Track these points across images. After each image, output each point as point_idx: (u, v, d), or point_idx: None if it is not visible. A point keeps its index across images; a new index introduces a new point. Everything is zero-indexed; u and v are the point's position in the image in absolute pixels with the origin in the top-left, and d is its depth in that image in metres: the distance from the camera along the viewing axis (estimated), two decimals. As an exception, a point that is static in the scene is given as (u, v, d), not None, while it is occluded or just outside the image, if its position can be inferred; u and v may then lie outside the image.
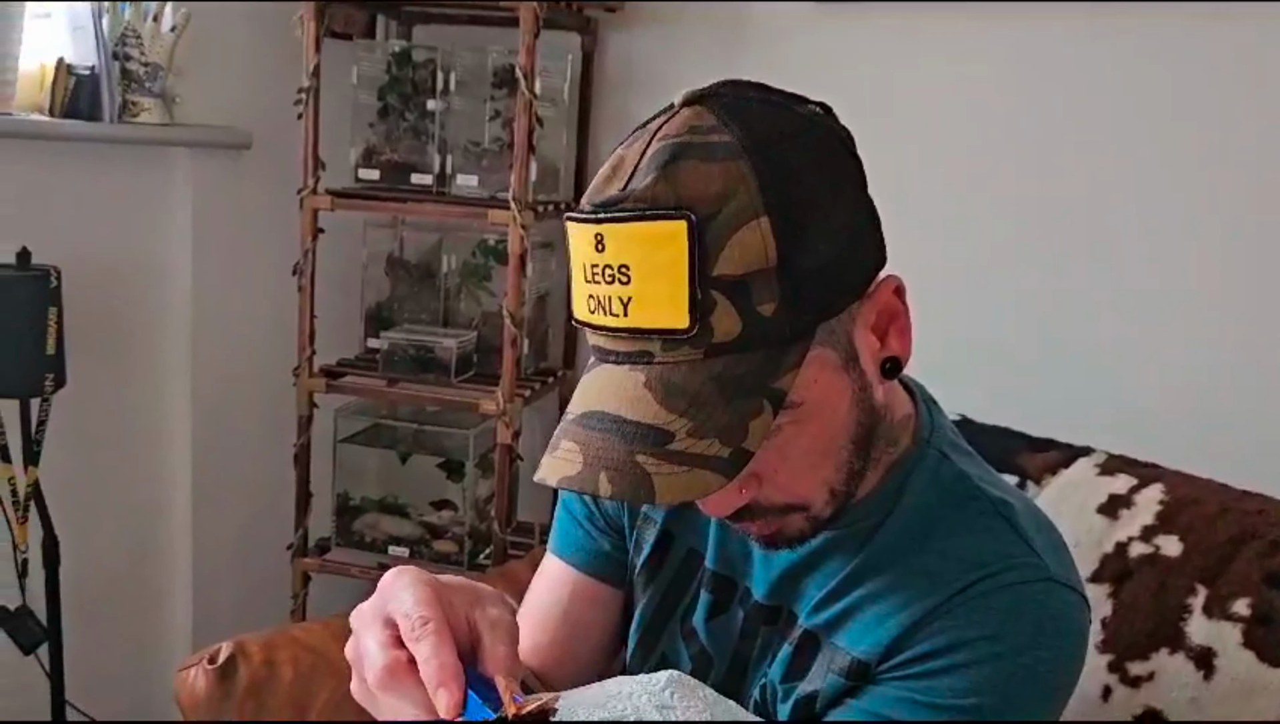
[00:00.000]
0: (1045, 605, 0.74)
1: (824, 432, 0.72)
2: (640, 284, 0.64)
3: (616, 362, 0.68)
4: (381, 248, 2.00)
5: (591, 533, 0.94)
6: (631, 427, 0.65)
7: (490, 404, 1.76)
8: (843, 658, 0.77)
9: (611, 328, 0.67)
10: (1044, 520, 0.82)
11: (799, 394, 0.68)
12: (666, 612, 0.90)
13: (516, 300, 1.75)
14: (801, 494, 0.74)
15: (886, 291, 0.73)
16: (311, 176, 1.79)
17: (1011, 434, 1.38)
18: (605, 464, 0.65)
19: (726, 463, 0.64)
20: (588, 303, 0.68)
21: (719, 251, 0.63)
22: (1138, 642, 1.14)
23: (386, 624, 0.63)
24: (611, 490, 0.64)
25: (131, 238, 1.84)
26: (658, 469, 0.63)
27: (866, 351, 0.73)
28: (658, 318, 0.65)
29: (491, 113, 1.84)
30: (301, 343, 1.84)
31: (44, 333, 1.56)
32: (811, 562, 0.81)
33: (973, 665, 0.72)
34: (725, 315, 0.64)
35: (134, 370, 1.89)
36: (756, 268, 0.64)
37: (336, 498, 1.95)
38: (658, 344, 0.65)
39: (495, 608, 0.66)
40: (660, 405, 0.65)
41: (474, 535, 1.91)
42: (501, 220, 1.72)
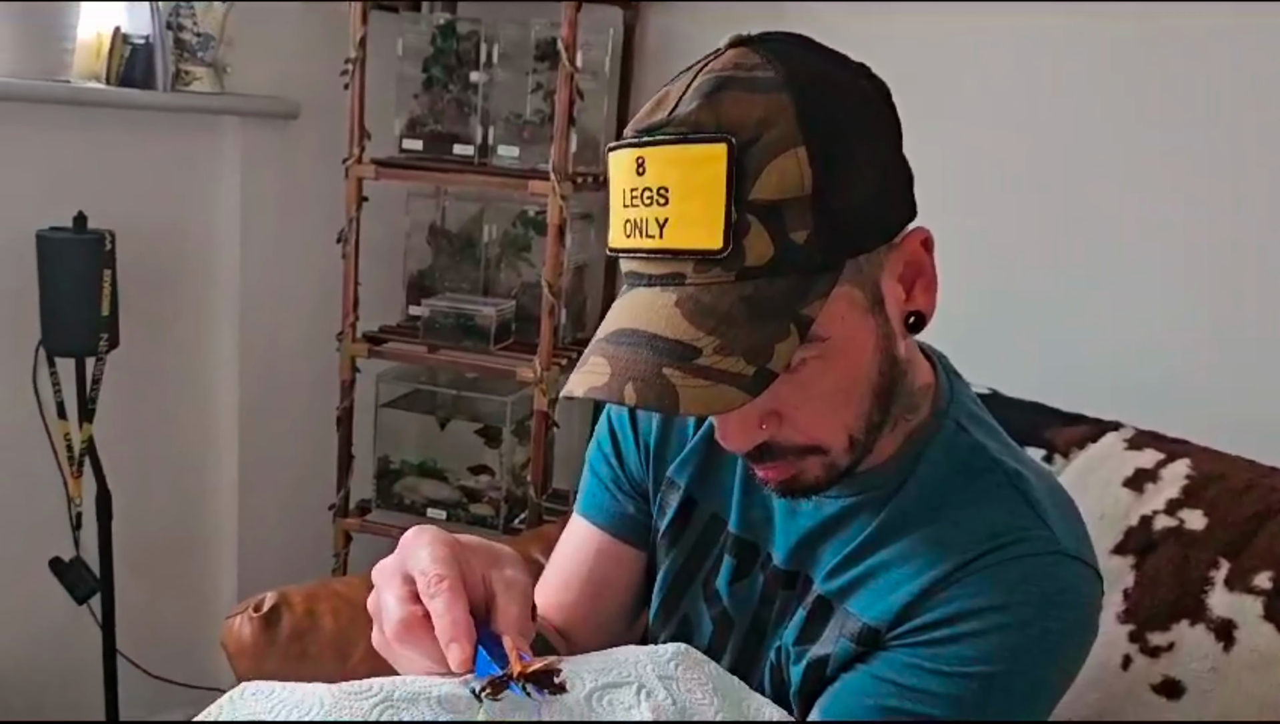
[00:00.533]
0: (1055, 578, 0.74)
1: (847, 372, 0.72)
2: (678, 205, 0.66)
3: (648, 284, 0.69)
4: (424, 217, 2.04)
5: (616, 496, 0.96)
6: (660, 342, 0.66)
7: (528, 372, 1.80)
8: (854, 623, 0.78)
9: (647, 250, 0.68)
10: (1060, 494, 0.82)
11: (825, 328, 0.68)
12: (689, 574, 0.92)
13: (555, 270, 1.78)
14: (820, 436, 0.74)
15: (914, 243, 0.74)
16: (357, 146, 1.83)
17: (1041, 408, 1.39)
18: (632, 376, 0.65)
19: (750, 381, 0.65)
20: (624, 228, 0.69)
21: (756, 176, 0.65)
22: (1159, 613, 1.15)
23: (405, 580, 0.65)
24: (636, 399, 0.65)
25: (183, 203, 1.89)
26: (683, 382, 0.64)
27: (892, 301, 0.74)
28: (692, 238, 0.66)
29: (533, 85, 1.86)
30: (345, 308, 1.88)
31: (99, 294, 1.62)
32: (828, 528, 0.82)
33: (980, 635, 0.73)
34: (758, 239, 0.65)
35: (184, 332, 1.94)
36: (792, 195, 0.65)
37: (377, 461, 2.00)
38: (690, 266, 0.67)
39: (511, 569, 0.68)
40: (689, 323, 0.66)
41: (510, 500, 1.95)
42: (541, 191, 1.75)
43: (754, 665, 0.88)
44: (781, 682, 0.84)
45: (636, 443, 0.95)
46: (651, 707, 0.63)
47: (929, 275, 0.76)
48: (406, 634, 0.63)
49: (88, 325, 1.62)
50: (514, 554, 0.71)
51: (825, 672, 0.80)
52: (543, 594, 0.97)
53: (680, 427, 0.93)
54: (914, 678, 0.74)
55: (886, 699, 0.75)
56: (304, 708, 0.60)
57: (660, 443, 0.93)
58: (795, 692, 0.82)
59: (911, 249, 0.74)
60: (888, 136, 0.72)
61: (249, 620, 1.27)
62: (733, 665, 0.88)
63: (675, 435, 0.93)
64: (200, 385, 1.99)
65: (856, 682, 0.77)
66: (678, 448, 0.92)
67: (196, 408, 1.99)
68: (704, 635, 0.90)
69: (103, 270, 1.61)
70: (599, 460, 0.98)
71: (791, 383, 0.70)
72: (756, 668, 0.87)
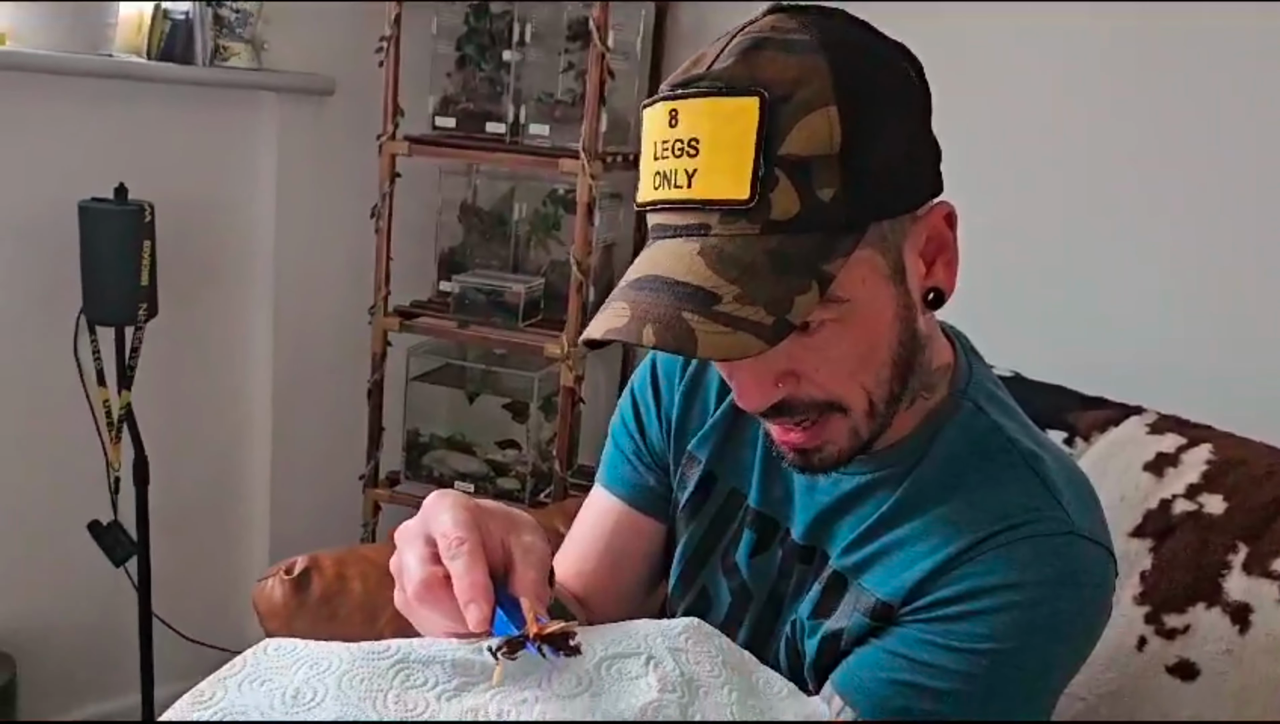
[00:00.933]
0: (1067, 558, 0.75)
1: (865, 337, 0.73)
2: (707, 156, 0.67)
3: (673, 235, 0.70)
4: (456, 194, 2.06)
5: (637, 468, 0.97)
6: (681, 287, 0.67)
7: (555, 348, 1.82)
8: (868, 599, 0.79)
9: (674, 200, 0.69)
10: (1077, 475, 0.82)
11: (846, 289, 0.69)
12: (708, 548, 0.93)
13: (584, 248, 1.80)
14: (840, 394, 0.74)
15: (938, 217, 0.75)
16: (390, 123, 1.85)
17: (1063, 392, 1.39)
18: (651, 318, 0.66)
19: (769, 330, 0.65)
20: (653, 180, 0.70)
21: (786, 131, 0.65)
22: (1175, 595, 1.16)
23: (427, 542, 0.66)
24: (655, 341, 0.65)
25: (220, 177, 1.93)
26: (702, 326, 0.65)
27: (914, 274, 0.74)
28: (720, 189, 0.66)
29: (565, 65, 1.88)
30: (378, 283, 1.91)
31: (138, 265, 1.65)
32: (845, 504, 0.83)
33: (991, 613, 0.74)
34: (785, 193, 0.66)
35: (220, 303, 1.98)
36: (821, 152, 0.66)
37: (407, 433, 2.03)
38: (716, 217, 0.67)
39: (529, 535, 0.69)
40: (711, 271, 0.66)
41: (536, 474, 1.98)
42: (571, 170, 1.76)
43: (770, 638, 0.89)
44: (797, 654, 0.85)
45: (659, 416, 0.96)
46: (659, 676, 0.63)
47: (950, 252, 0.77)
48: (427, 594, 0.65)
49: (127, 295, 1.66)
50: (532, 521, 0.72)
51: (840, 646, 0.81)
52: (563, 562, 0.98)
53: (702, 402, 0.94)
54: (926, 653, 0.75)
55: (899, 673, 0.76)
56: (323, 665, 0.61)
57: (682, 417, 0.95)
58: (810, 665, 0.84)
59: (935, 223, 0.75)
60: (919, 110, 0.73)
61: (280, 583, 1.31)
62: (749, 637, 0.90)
63: (697, 410, 0.94)
64: (235, 355, 2.03)
65: (870, 656, 0.78)
66: (699, 423, 0.94)
67: (232, 377, 2.03)
68: (722, 607, 0.92)
69: (142, 241, 1.65)
70: (621, 432, 0.99)
71: (809, 345, 0.71)
72: (773, 641, 0.89)
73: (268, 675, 0.61)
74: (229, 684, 0.60)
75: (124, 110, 1.79)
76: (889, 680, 0.77)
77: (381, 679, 0.60)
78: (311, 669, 0.61)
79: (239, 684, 0.60)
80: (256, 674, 0.61)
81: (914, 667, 0.76)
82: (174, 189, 1.81)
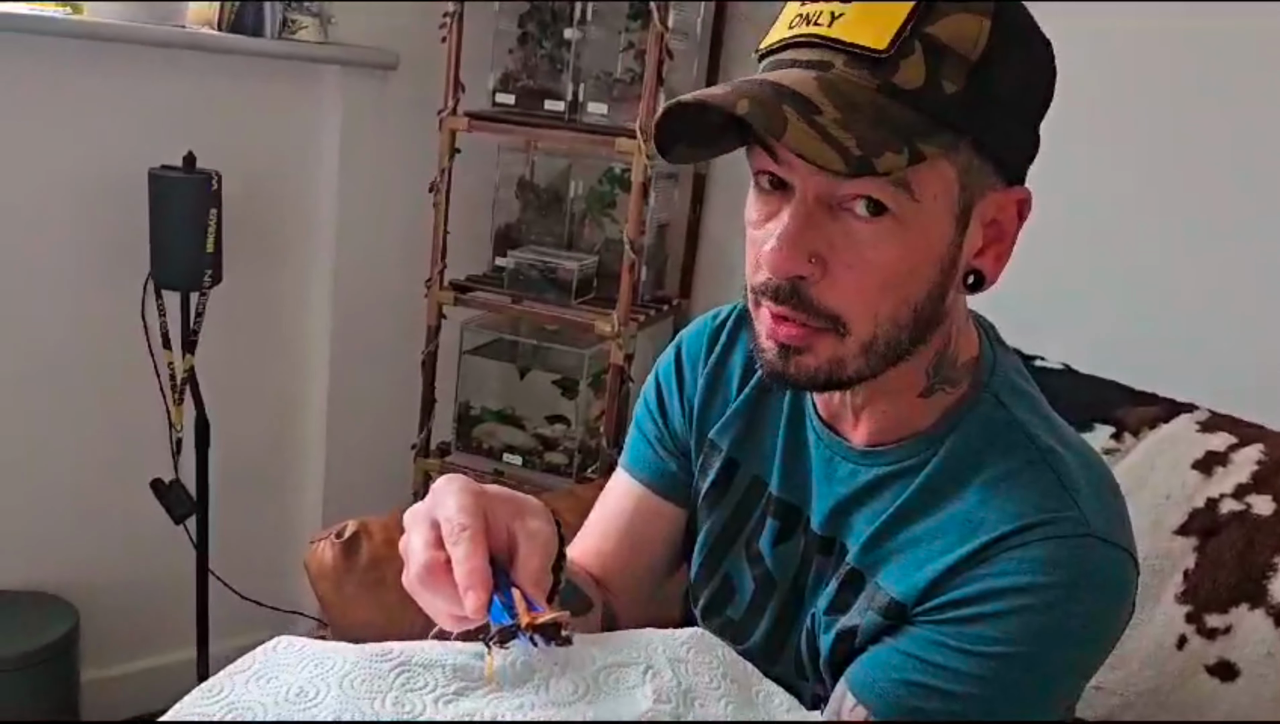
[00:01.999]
0: (1082, 561, 0.73)
1: (907, 258, 0.72)
2: (859, 6, 0.68)
3: (790, 66, 0.70)
4: (513, 171, 2.08)
5: (660, 453, 0.98)
6: (787, 90, 0.67)
7: (606, 326, 1.84)
8: (882, 597, 0.79)
9: (807, 35, 0.69)
10: (1098, 472, 0.80)
11: (919, 188, 0.69)
12: (731, 535, 0.93)
13: (637, 228, 1.81)
14: (849, 307, 0.73)
15: (1013, 201, 0.75)
16: (451, 99, 1.88)
17: (1114, 386, 1.38)
18: (750, 96, 0.66)
19: (855, 160, 0.65)
20: (791, 21, 0.71)
21: (941, 17, 0.67)
22: (1218, 595, 1.15)
23: (432, 526, 0.68)
24: (747, 109, 0.65)
25: (285, 147, 1.97)
26: (796, 122, 0.65)
27: (971, 241, 0.74)
28: (859, 34, 0.68)
29: (625, 44, 1.89)
30: (434, 257, 1.94)
31: (205, 232, 1.70)
32: (861, 496, 0.83)
33: (1004, 616, 0.73)
34: (914, 65, 0.67)
35: (282, 272, 2.03)
36: (961, 50, 0.68)
37: (458, 405, 2.07)
38: (843, 59, 0.68)
39: (535, 520, 0.70)
40: (821, 92, 0.67)
41: (583, 450, 2.00)
42: (628, 149, 1.77)
43: (792, 628, 0.89)
44: (814, 648, 0.86)
45: (681, 402, 0.97)
46: (655, 687, 0.64)
47: (1007, 243, 0.76)
48: (429, 578, 0.66)
49: (193, 261, 1.71)
50: (540, 505, 0.73)
51: (853, 643, 0.81)
52: (583, 541, 1.00)
53: (725, 388, 0.94)
54: (938, 655, 0.75)
55: (911, 674, 0.76)
56: (327, 665, 0.63)
57: (704, 404, 0.95)
58: (825, 661, 0.84)
59: (1007, 206, 0.75)
60: (1041, 101, 0.74)
61: (331, 546, 1.35)
62: (772, 626, 0.90)
63: (719, 396, 0.94)
64: (295, 323, 2.07)
65: (883, 655, 0.78)
66: (720, 410, 0.94)
67: (291, 344, 2.08)
68: (745, 594, 0.92)
69: (209, 209, 1.69)
70: (645, 417, 1.00)
71: (856, 235, 0.71)
72: (794, 631, 0.89)
73: (274, 673, 0.63)
74: (237, 680, 0.62)
75: (194, 80, 1.83)
76: (901, 681, 0.76)
77: (382, 681, 0.62)
78: (316, 669, 0.63)
79: (246, 680, 0.62)
80: (264, 671, 0.63)
81: (926, 668, 0.76)
82: (240, 158, 1.85)
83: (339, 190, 2.02)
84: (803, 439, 0.89)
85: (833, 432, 0.86)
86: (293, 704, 0.60)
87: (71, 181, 1.76)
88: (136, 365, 1.81)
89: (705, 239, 2.15)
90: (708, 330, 0.97)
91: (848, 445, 0.85)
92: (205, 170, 1.70)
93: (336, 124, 1.99)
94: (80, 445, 1.87)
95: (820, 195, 0.71)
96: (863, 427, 0.83)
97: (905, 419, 0.82)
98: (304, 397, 2.12)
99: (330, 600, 1.36)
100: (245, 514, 2.07)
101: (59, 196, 1.76)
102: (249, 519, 2.08)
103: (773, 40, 0.72)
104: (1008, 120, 0.72)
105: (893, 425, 0.82)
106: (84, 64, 1.72)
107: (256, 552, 2.10)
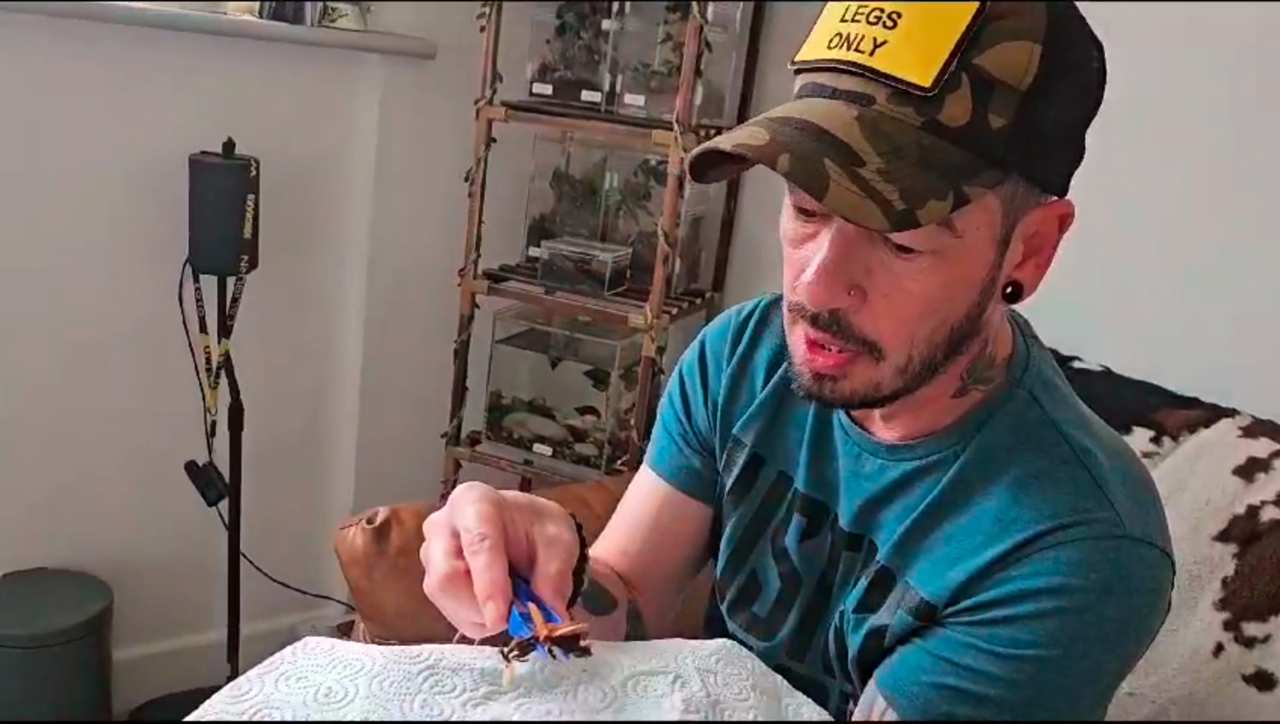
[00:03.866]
0: (1116, 563, 0.72)
1: (946, 287, 0.71)
2: (904, 33, 0.65)
3: (831, 96, 0.68)
4: (549, 161, 2.08)
5: (684, 450, 0.97)
6: (829, 137, 0.65)
7: (639, 318, 1.84)
8: (913, 597, 0.78)
9: (848, 62, 0.67)
10: (1133, 471, 0.79)
11: (962, 225, 0.68)
12: (756, 531, 0.93)
13: (672, 220, 1.81)
14: (887, 334, 0.72)
15: (1055, 214, 0.74)
16: (489, 88, 1.88)
17: (1154, 389, 1.36)
18: (790, 150, 0.65)
19: (896, 215, 0.64)
20: (829, 41, 0.68)
21: (988, 46, 0.65)
22: (1258, 604, 1.13)
23: (452, 535, 0.68)
24: (789, 169, 0.64)
25: (323, 135, 1.98)
26: (838, 178, 0.64)
27: (1011, 257, 0.73)
28: (904, 67, 0.65)
29: (663, 36, 1.88)
30: (468, 246, 1.95)
31: (242, 217, 1.71)
32: (891, 493, 0.82)
33: (1035, 618, 0.72)
34: (960, 101, 0.65)
35: (317, 258, 2.04)
36: (1009, 81, 0.66)
37: (490, 395, 2.07)
38: (885, 93, 0.66)
39: (554, 526, 0.70)
40: (864, 138, 0.65)
41: (613, 442, 2.00)
42: (664, 141, 1.77)
43: (819, 624, 0.89)
44: (842, 645, 0.85)
45: (705, 400, 0.96)
46: (684, 697, 0.63)
47: (1048, 253, 0.75)
48: (449, 587, 0.66)
49: (230, 246, 1.72)
50: (559, 510, 0.73)
51: (883, 642, 0.80)
52: (608, 539, 0.99)
53: (749, 385, 0.94)
54: (970, 658, 0.74)
55: (942, 677, 0.75)
56: (355, 666, 0.63)
57: (729, 401, 0.95)
58: (854, 659, 0.83)
59: (1049, 219, 0.74)
60: (1091, 108, 0.72)
61: (361, 532, 1.36)
62: (798, 623, 0.90)
63: (744, 393, 0.94)
64: (329, 310, 2.09)
65: (914, 657, 0.78)
66: (745, 405, 0.93)
67: (325, 331, 2.10)
68: (771, 591, 0.92)
69: (247, 195, 1.71)
70: (669, 415, 0.99)
71: (894, 268, 0.70)
72: (821, 628, 0.89)
73: (302, 673, 0.63)
74: (265, 679, 0.62)
75: (235, 68, 1.84)
76: (932, 684, 0.76)
77: (410, 683, 0.62)
78: (344, 670, 0.63)
79: (275, 680, 0.62)
80: (293, 671, 0.63)
81: (957, 671, 0.75)
82: (279, 146, 1.87)
83: (375, 178, 2.03)
84: (829, 435, 0.88)
85: (860, 428, 0.85)
86: (321, 704, 0.60)
87: (112, 166, 1.78)
88: (173, 349, 1.83)
89: (739, 233, 2.15)
90: (731, 326, 0.97)
91: (876, 441, 0.84)
92: (244, 157, 1.72)
93: (374, 113, 1.99)
94: (116, 427, 1.89)
95: None
96: (893, 424, 0.83)
97: (935, 417, 0.81)
98: (337, 383, 2.13)
99: (360, 586, 1.36)
100: (277, 498, 2.08)
101: (100, 180, 1.78)
102: (280, 503, 2.10)
103: (811, 57, 0.70)
104: (1055, 146, 0.70)
105: (923, 423, 0.81)
106: (126, 49, 1.74)
107: (287, 535, 2.12)
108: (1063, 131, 0.70)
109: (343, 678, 0.62)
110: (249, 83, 1.87)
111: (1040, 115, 0.67)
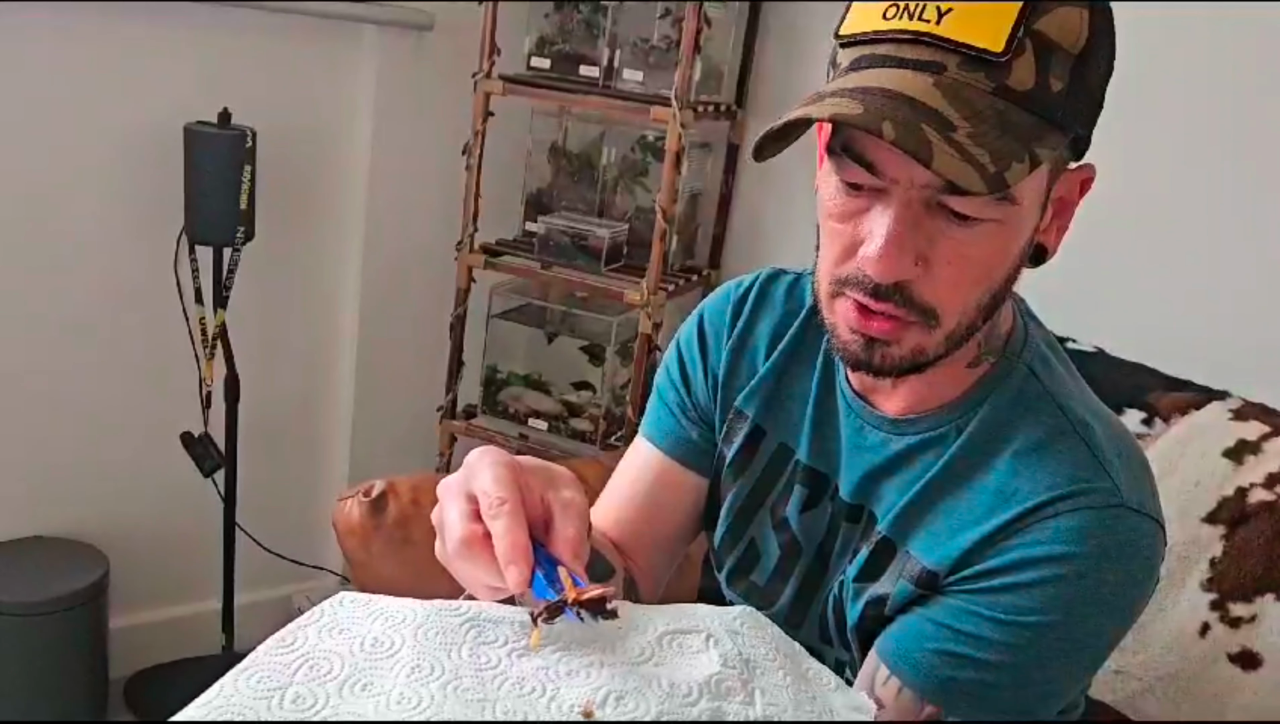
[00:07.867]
0: (1113, 531, 0.74)
1: (1002, 250, 0.73)
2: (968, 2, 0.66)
3: (899, 65, 0.68)
4: (546, 136, 2.08)
5: (681, 421, 0.98)
6: (918, 104, 0.65)
7: (635, 294, 1.84)
8: (914, 566, 0.80)
9: (915, 31, 0.67)
10: (1127, 444, 0.81)
11: (1019, 192, 0.69)
12: (756, 501, 0.94)
13: (669, 197, 1.80)
14: (946, 303, 0.73)
15: (1079, 178, 0.76)
16: (487, 61, 1.87)
17: (1147, 371, 1.37)
18: (889, 117, 0.64)
19: (992, 177, 0.65)
20: (884, 12, 0.68)
21: (1047, 11, 0.67)
22: (1244, 584, 1.15)
23: (469, 498, 0.67)
24: (895, 136, 0.64)
25: (319, 106, 1.97)
26: (939, 143, 0.64)
27: (1044, 218, 0.75)
28: (973, 34, 0.66)
29: (662, 11, 1.87)
30: (465, 220, 1.95)
31: (238, 188, 1.70)
32: (892, 465, 0.84)
33: (1037, 585, 0.74)
34: (1026, 65, 0.67)
35: (314, 229, 2.04)
36: (1065, 45, 0.68)
37: (486, 369, 2.08)
38: (956, 60, 0.67)
39: (568, 490, 0.70)
40: (948, 102, 0.66)
41: (609, 417, 2.01)
42: (662, 117, 1.76)
43: (816, 594, 0.90)
44: (840, 614, 0.86)
45: (705, 372, 0.97)
46: (720, 653, 0.65)
47: (1068, 216, 0.78)
48: (467, 552, 0.66)
49: (226, 217, 1.71)
50: (570, 475, 0.73)
51: (884, 611, 0.82)
52: (603, 508, 1.00)
53: (750, 359, 0.95)
54: (971, 624, 0.76)
55: (944, 644, 0.77)
56: (398, 618, 0.63)
57: (729, 374, 0.95)
58: (853, 627, 0.85)
59: (1074, 182, 0.76)
60: (1111, 71, 0.74)
61: (358, 503, 1.36)
62: (796, 592, 0.91)
63: (744, 367, 0.95)
64: (325, 281, 2.09)
65: (915, 625, 0.79)
66: (746, 379, 0.94)
67: (321, 303, 2.10)
68: (770, 560, 0.93)
69: (243, 165, 1.70)
70: (666, 386, 1.00)
71: (958, 236, 0.71)
72: (818, 597, 0.90)
73: (345, 625, 0.63)
74: (310, 632, 0.63)
75: (231, 37, 1.83)
76: (934, 651, 0.77)
77: (455, 633, 0.63)
78: (387, 622, 0.63)
79: (319, 632, 0.63)
80: (335, 623, 0.63)
81: (959, 637, 0.77)
82: (275, 116, 1.86)
83: (372, 150, 2.02)
84: (833, 408, 0.89)
85: (863, 401, 0.86)
86: (369, 654, 0.61)
87: (108, 136, 1.77)
88: (168, 320, 1.83)
89: (737, 210, 2.14)
90: (731, 300, 0.98)
91: (879, 414, 0.85)
92: (240, 127, 1.71)
93: (371, 84, 1.98)
94: (113, 397, 1.90)
95: (920, 195, 0.70)
96: (897, 397, 0.84)
97: (940, 390, 0.82)
98: (333, 355, 2.14)
99: (357, 558, 1.37)
100: (272, 469, 2.09)
101: (95, 150, 1.77)
102: (276, 474, 2.11)
103: (866, 28, 0.70)
104: (1092, 105, 0.72)
105: (927, 396, 0.82)
106: (121, 20, 1.73)
107: (282, 507, 2.12)
108: (1099, 91, 0.72)
109: (387, 629, 0.63)
110: (245, 53, 1.86)
111: (1088, 77, 0.70)
